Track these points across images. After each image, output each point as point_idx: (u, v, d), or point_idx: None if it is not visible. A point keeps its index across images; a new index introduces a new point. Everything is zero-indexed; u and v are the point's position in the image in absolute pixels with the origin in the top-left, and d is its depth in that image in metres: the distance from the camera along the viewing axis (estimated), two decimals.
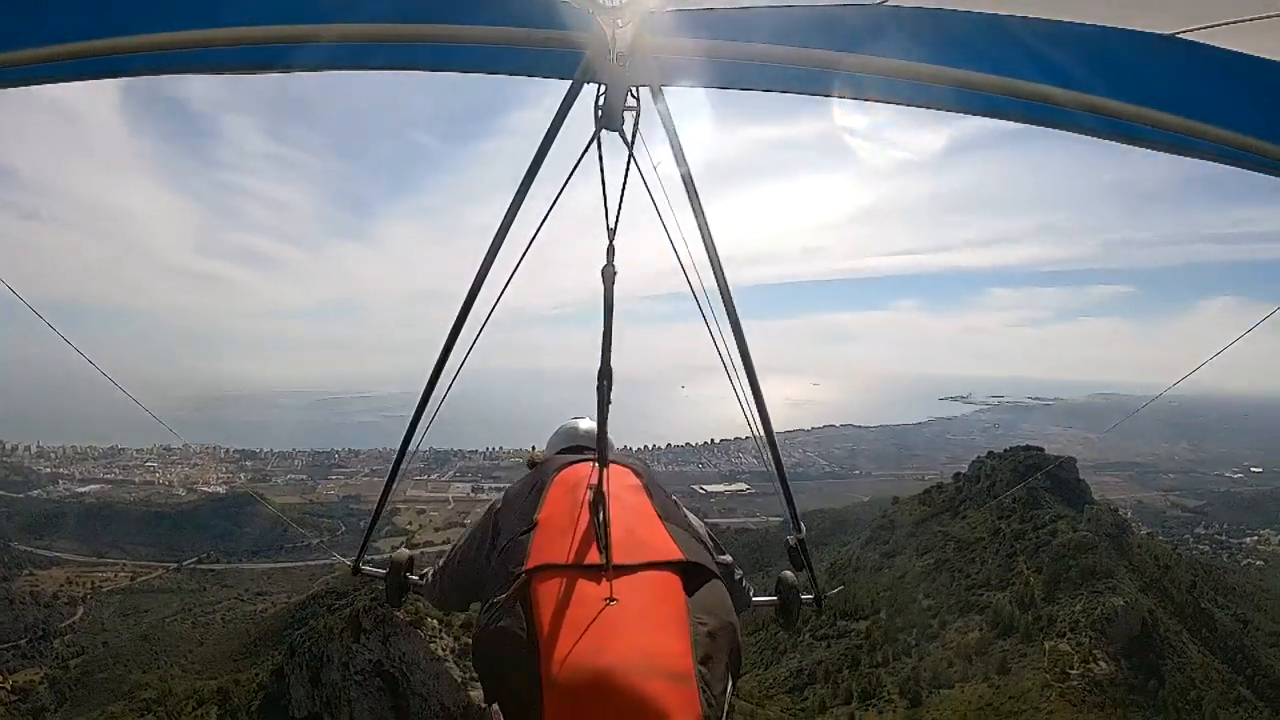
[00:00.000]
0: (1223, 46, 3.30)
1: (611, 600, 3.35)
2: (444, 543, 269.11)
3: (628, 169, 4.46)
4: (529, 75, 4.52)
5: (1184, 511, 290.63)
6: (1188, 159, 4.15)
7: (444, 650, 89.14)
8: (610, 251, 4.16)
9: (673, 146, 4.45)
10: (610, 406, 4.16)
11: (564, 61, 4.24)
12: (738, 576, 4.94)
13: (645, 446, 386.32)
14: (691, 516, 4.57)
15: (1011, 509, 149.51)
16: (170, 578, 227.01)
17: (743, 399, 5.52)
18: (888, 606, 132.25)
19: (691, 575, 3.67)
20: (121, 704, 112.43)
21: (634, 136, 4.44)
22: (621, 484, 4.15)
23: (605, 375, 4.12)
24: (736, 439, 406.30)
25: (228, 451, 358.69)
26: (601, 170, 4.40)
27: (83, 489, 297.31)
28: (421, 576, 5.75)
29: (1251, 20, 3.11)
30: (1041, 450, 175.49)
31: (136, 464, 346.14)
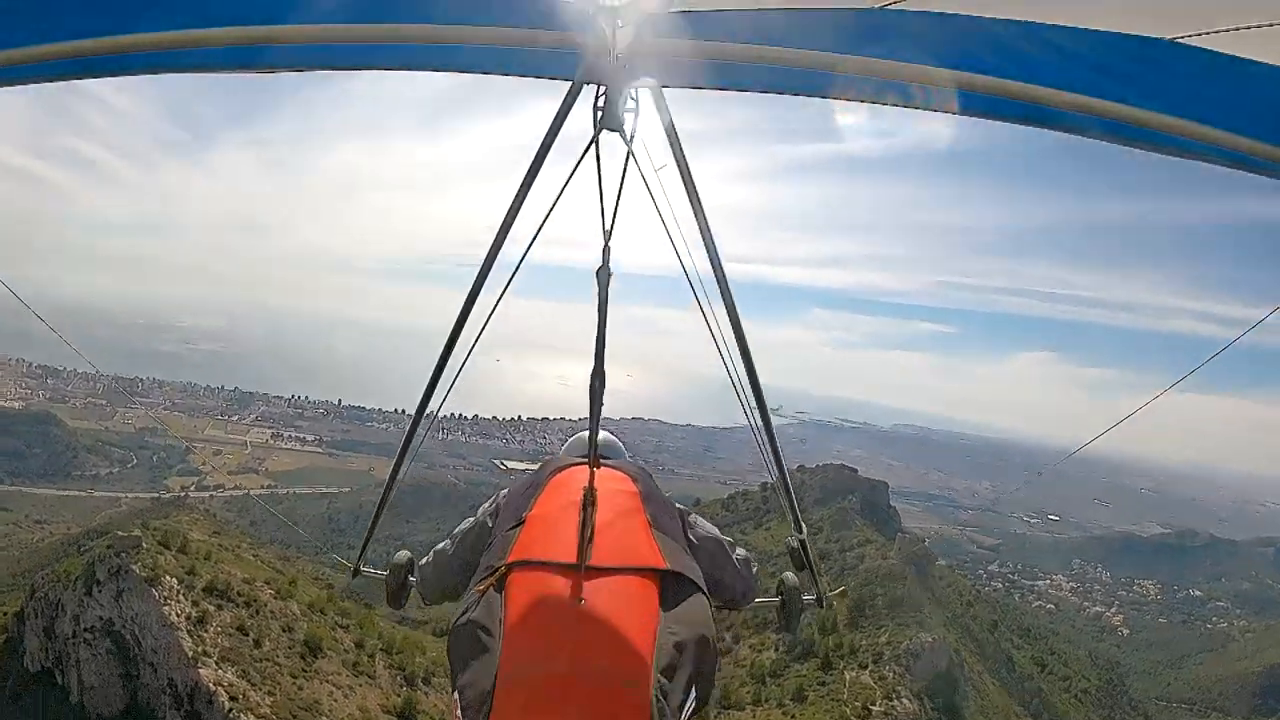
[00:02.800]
0: (1221, 51, 3.33)
1: (580, 601, 3.35)
2: (235, 487, 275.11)
3: (625, 169, 4.34)
4: (529, 75, 4.37)
5: (979, 548, 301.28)
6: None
7: (179, 616, 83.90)
8: (605, 253, 4.02)
9: (672, 147, 4.38)
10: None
11: (564, 61, 4.14)
12: (733, 556, 4.88)
13: (452, 414, 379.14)
14: (703, 526, 4.67)
15: (819, 527, 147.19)
16: None
17: (744, 399, 5.52)
18: None
19: (672, 585, 3.63)
20: None
21: (633, 137, 4.27)
22: (615, 488, 4.10)
23: (598, 375, 4.04)
24: (545, 419, 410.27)
25: (30, 366, 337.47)
26: (599, 171, 4.26)
27: None
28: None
29: (1249, 29, 3.16)
30: (855, 471, 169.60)
31: None
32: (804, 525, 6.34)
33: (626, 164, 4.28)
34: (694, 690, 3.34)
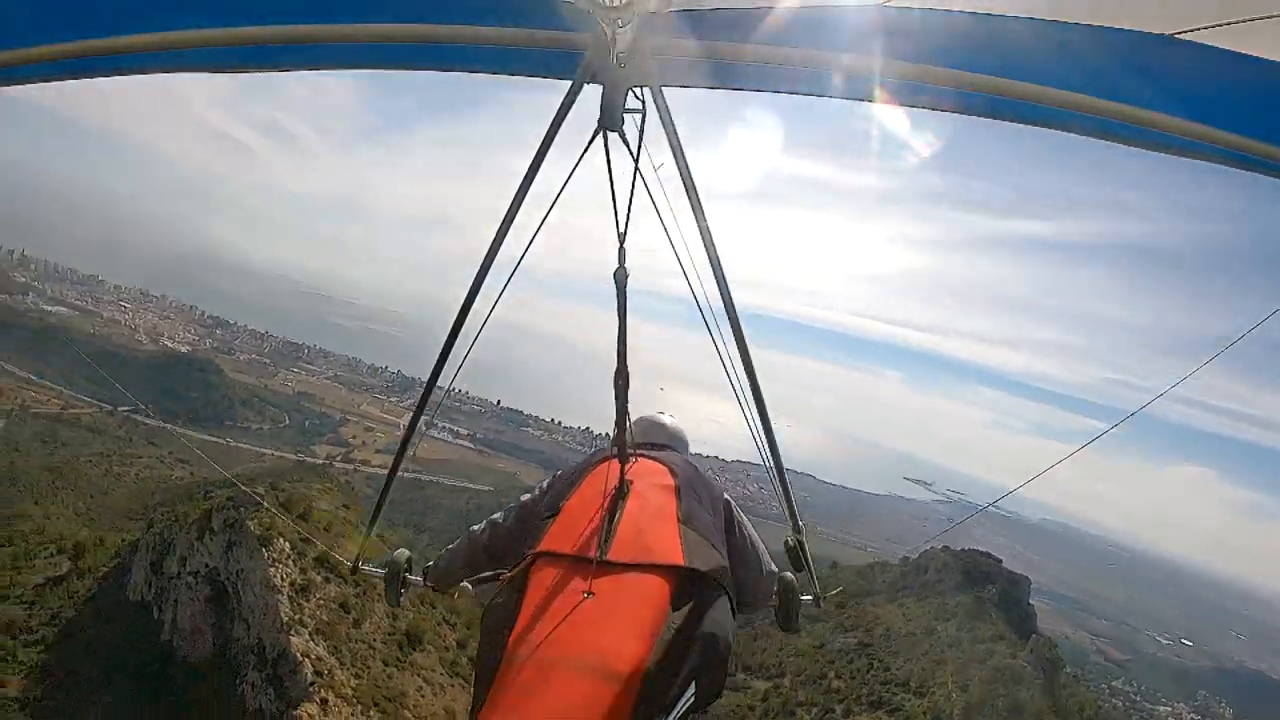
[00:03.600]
0: (1221, 46, 3.29)
1: (589, 594, 3.48)
2: (380, 465, 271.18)
3: (635, 171, 4.26)
4: (529, 75, 4.42)
5: (1106, 660, 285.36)
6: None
7: (283, 580, 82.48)
8: (621, 254, 4.12)
9: (672, 147, 4.33)
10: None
11: (564, 61, 4.14)
12: (762, 558, 4.98)
13: (606, 433, 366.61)
14: (747, 528, 4.84)
15: (953, 612, 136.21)
16: (101, 419, 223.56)
17: (742, 398, 5.52)
18: (794, 674, 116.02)
19: (689, 582, 3.69)
20: None
21: (641, 139, 4.17)
22: (652, 482, 4.33)
23: (621, 375, 4.16)
24: (700, 456, 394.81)
25: (202, 314, 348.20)
26: (610, 172, 4.19)
27: (49, 307, 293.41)
28: (424, 573, 5.81)
29: (1251, 21, 3.15)
30: (999, 562, 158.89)
31: (111, 300, 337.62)
32: (802, 527, 6.35)
33: (636, 166, 4.17)
34: (693, 686, 3.38)
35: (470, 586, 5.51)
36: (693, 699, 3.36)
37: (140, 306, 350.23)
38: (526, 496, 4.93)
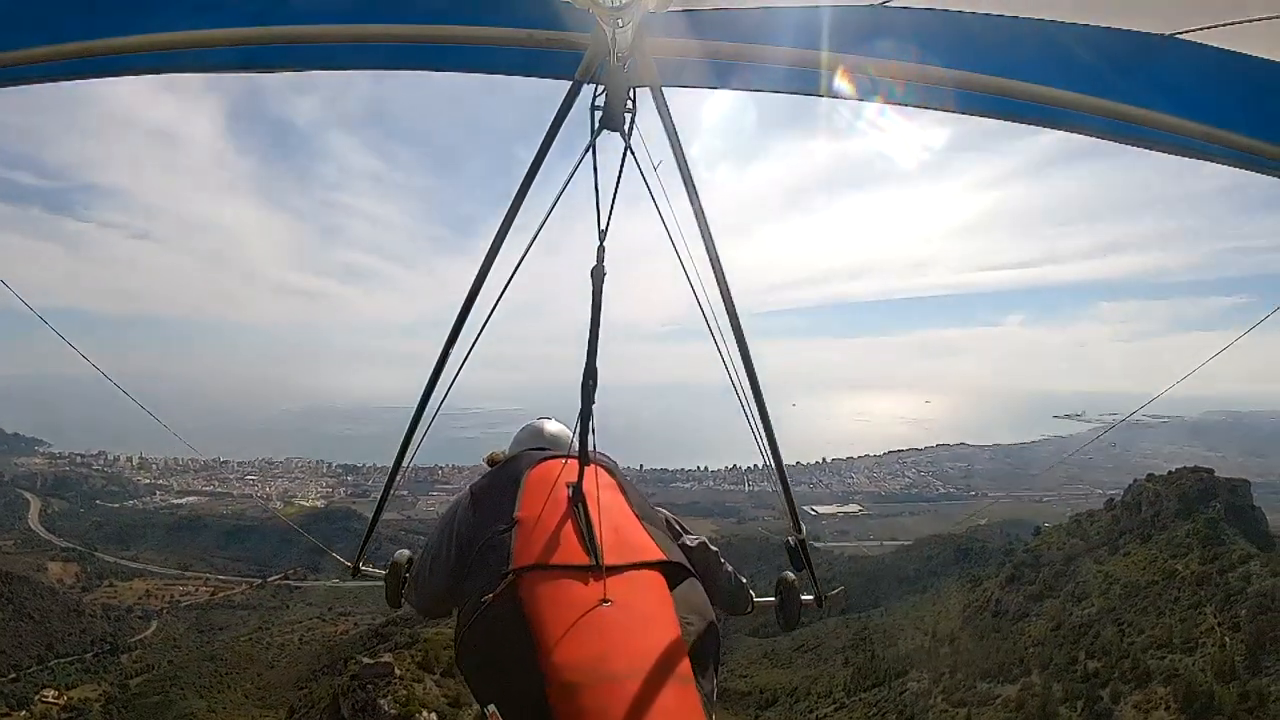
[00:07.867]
0: (1221, 46, 3.34)
1: (606, 601, 3.36)
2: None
3: (621, 168, 4.24)
4: (529, 75, 4.37)
5: None
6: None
7: None
8: (600, 252, 4.04)
9: (673, 147, 4.32)
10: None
11: (564, 61, 4.14)
12: (724, 563, 4.97)
13: (755, 466, 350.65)
14: (661, 510, 4.62)
15: (1187, 545, 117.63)
16: (253, 594, 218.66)
17: (745, 403, 5.34)
18: (1040, 667, 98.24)
19: (673, 575, 3.71)
20: None
21: (630, 136, 4.19)
22: (598, 483, 4.06)
23: (590, 375, 4.03)
24: (849, 458, 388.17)
25: (329, 466, 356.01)
26: (595, 171, 4.16)
27: (179, 500, 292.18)
28: None
29: (1250, 22, 3.16)
30: (1211, 472, 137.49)
31: (237, 476, 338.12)
32: (803, 526, 6.10)
33: (623, 163, 4.13)
34: (715, 673, 3.43)
35: None
36: (715, 689, 3.40)
37: (267, 475, 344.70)
38: (433, 540, 4.38)
